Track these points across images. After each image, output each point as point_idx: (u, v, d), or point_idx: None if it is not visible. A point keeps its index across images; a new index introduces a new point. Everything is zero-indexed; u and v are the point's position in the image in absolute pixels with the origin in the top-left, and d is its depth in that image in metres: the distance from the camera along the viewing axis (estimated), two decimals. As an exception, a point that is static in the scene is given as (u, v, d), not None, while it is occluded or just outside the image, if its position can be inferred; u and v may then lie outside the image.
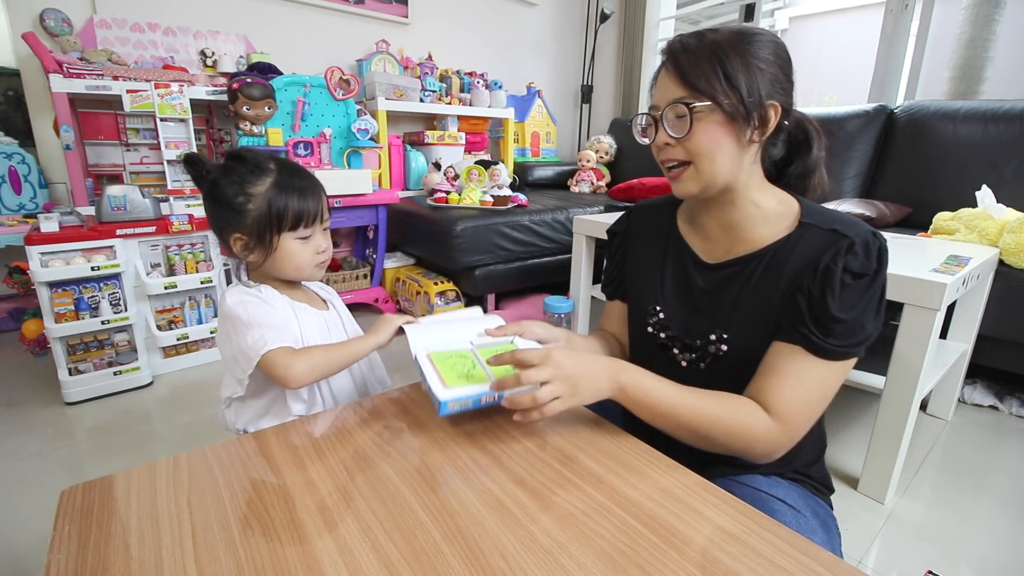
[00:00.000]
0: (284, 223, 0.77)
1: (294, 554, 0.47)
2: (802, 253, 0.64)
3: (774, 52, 0.63)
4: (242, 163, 0.77)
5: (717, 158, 0.63)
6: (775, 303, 0.65)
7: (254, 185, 0.76)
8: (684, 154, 0.64)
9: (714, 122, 0.62)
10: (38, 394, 1.61)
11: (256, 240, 0.77)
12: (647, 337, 0.77)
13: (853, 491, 1.22)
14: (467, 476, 0.58)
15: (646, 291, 0.78)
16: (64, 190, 2.07)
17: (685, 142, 0.63)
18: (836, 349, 0.60)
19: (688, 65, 0.62)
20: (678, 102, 0.62)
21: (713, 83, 0.60)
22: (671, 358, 0.74)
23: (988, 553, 1.06)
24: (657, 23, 3.43)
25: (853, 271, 0.60)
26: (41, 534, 1.06)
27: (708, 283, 0.72)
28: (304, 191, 0.78)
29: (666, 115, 0.64)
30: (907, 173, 2.16)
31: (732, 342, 0.68)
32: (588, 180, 3.10)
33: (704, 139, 0.62)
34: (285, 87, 2.03)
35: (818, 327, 0.60)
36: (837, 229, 0.63)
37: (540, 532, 0.49)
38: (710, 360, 0.70)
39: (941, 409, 1.58)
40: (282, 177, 0.77)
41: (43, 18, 1.93)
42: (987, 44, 2.51)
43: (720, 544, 0.48)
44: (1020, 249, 1.46)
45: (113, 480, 0.56)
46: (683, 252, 0.75)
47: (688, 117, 0.62)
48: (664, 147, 0.66)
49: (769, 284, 0.65)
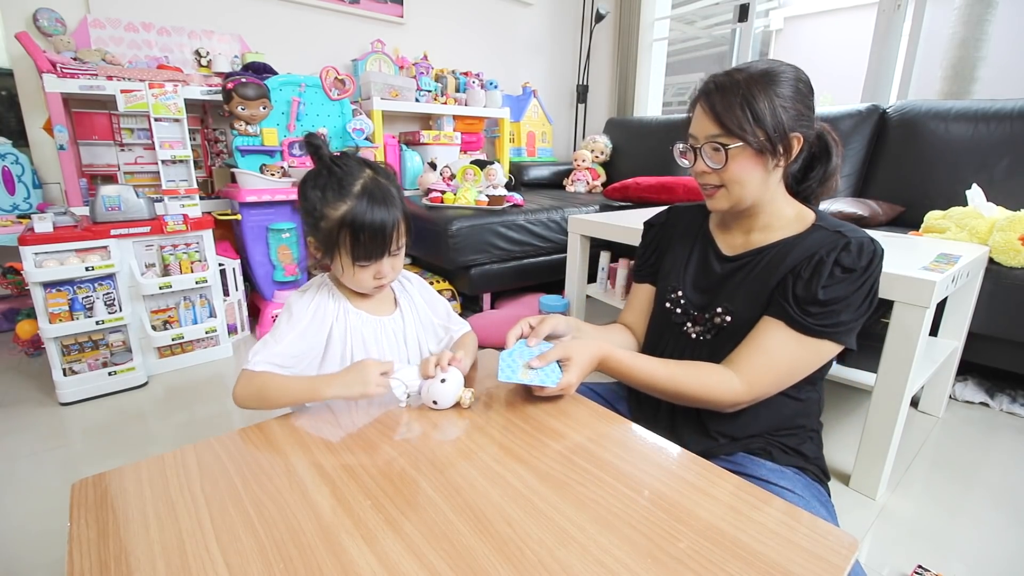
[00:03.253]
0: (345, 252, 0.77)
1: (312, 529, 0.49)
2: (805, 246, 0.75)
3: (795, 88, 0.73)
4: (331, 175, 0.76)
5: (747, 184, 0.74)
6: (772, 284, 0.75)
7: (331, 205, 0.75)
8: (719, 180, 0.76)
9: (745, 156, 0.72)
10: (32, 395, 1.61)
11: (325, 251, 0.80)
12: (665, 312, 0.89)
13: (844, 487, 1.23)
14: (471, 457, 0.60)
15: (671, 275, 0.90)
16: (58, 190, 2.06)
17: (721, 172, 0.74)
18: (810, 325, 0.71)
19: (721, 106, 0.72)
20: (714, 140, 0.73)
21: (743, 124, 0.71)
22: (683, 331, 0.85)
23: (978, 548, 1.08)
24: (652, 23, 3.44)
25: (843, 265, 0.70)
26: (36, 534, 1.06)
27: (724, 270, 0.83)
28: (375, 229, 0.75)
29: (704, 149, 0.75)
30: (899, 172, 2.18)
31: (735, 313, 0.79)
32: (584, 180, 3.11)
33: (736, 169, 0.73)
34: (280, 87, 2.03)
35: (798, 304, 0.71)
36: (842, 231, 0.73)
37: (539, 499, 0.50)
38: (715, 331, 0.81)
39: (932, 406, 1.59)
40: (360, 207, 0.75)
41: (36, 18, 1.92)
42: (979, 44, 2.53)
43: (722, 515, 0.51)
44: (1009, 247, 1.47)
45: (123, 472, 0.58)
46: (708, 244, 0.87)
47: (723, 152, 0.73)
48: (702, 174, 0.77)
49: (772, 269, 0.76)
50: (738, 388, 0.72)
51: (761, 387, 0.73)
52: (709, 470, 0.58)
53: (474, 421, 0.70)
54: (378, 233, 0.76)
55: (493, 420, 0.69)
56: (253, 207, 1.97)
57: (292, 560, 0.45)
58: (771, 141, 0.71)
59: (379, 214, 0.76)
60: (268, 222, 2.02)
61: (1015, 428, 1.53)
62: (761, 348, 0.73)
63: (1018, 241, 1.46)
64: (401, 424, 0.68)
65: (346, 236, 0.75)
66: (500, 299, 2.41)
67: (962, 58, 2.56)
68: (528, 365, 0.70)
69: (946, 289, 1.15)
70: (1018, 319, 1.45)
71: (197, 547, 0.46)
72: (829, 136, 0.80)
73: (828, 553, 0.46)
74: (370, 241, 0.76)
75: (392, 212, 0.77)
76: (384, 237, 0.77)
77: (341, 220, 0.75)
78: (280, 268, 2.08)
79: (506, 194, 2.33)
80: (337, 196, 0.75)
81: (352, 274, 0.80)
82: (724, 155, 0.73)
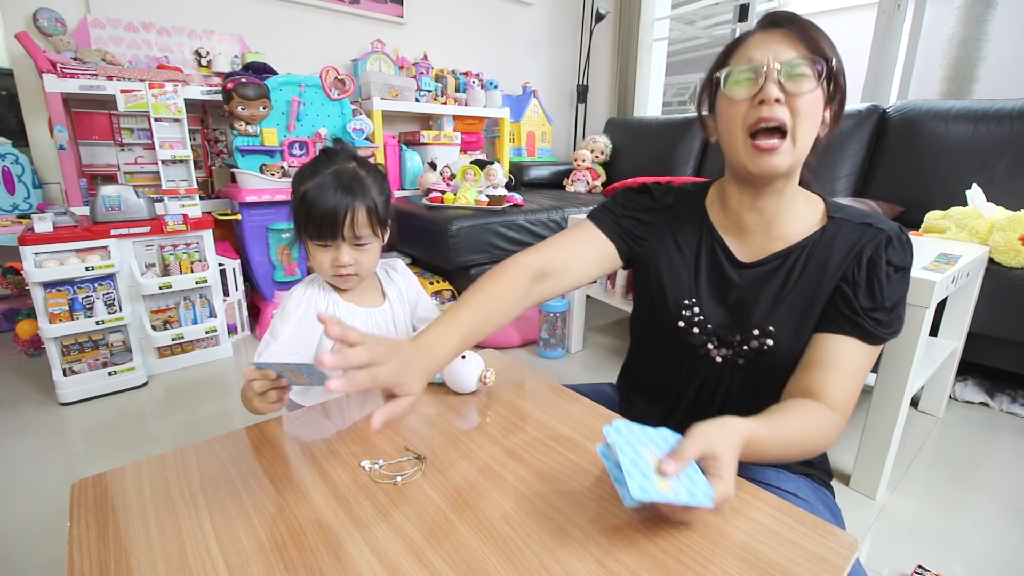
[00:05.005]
0: (303, 227, 0.80)
1: (312, 530, 0.49)
2: (841, 247, 0.66)
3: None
4: (316, 160, 0.82)
5: (810, 131, 0.62)
6: (820, 296, 0.66)
7: (303, 182, 0.80)
8: (787, 115, 0.60)
9: (819, 88, 0.60)
10: (32, 395, 1.61)
11: (297, 233, 0.82)
12: (676, 331, 0.73)
13: (845, 487, 1.23)
14: (471, 457, 0.60)
15: (680, 283, 0.74)
16: (58, 190, 2.06)
17: (797, 101, 0.59)
18: (883, 335, 0.64)
19: (811, 30, 0.61)
20: (802, 59, 0.59)
21: (831, 52, 0.60)
22: (703, 354, 0.72)
23: (978, 548, 1.08)
24: (652, 23, 3.44)
25: (895, 264, 0.64)
26: (36, 534, 1.06)
27: (744, 279, 0.71)
28: (327, 209, 0.77)
29: (785, 70, 0.59)
30: (899, 172, 2.18)
31: (778, 336, 0.67)
32: (584, 180, 3.11)
33: (814, 103, 0.60)
34: (280, 87, 2.03)
35: (869, 316, 0.63)
36: (871, 223, 0.66)
37: (539, 499, 0.50)
38: (752, 356, 0.69)
39: (932, 406, 1.59)
40: (321, 184, 0.78)
41: (36, 18, 1.92)
42: (979, 44, 2.53)
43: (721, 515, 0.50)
44: (1009, 247, 1.47)
45: (124, 472, 0.58)
46: (716, 245, 0.73)
47: (810, 75, 0.59)
48: (773, 104, 0.60)
49: (812, 278, 0.67)
50: (839, 423, 0.62)
51: (850, 411, 0.64)
52: (709, 470, 0.58)
53: (474, 421, 0.70)
54: (330, 213, 0.78)
55: (493, 420, 0.69)
56: (253, 207, 1.97)
57: (292, 560, 0.45)
58: (844, 82, 0.62)
59: (338, 196, 0.78)
60: (268, 222, 2.02)
61: (1015, 428, 1.53)
62: (844, 372, 0.63)
63: (1018, 241, 1.46)
64: (401, 424, 0.68)
65: (304, 212, 0.79)
66: (500, 299, 2.40)
67: (962, 58, 2.56)
68: (660, 470, 0.46)
69: (946, 289, 1.15)
70: (1018, 319, 1.45)
71: (197, 547, 0.46)
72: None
73: (828, 553, 0.46)
74: (321, 219, 0.78)
75: (353, 199, 0.79)
76: (335, 218, 0.78)
77: (303, 195, 0.79)
78: (280, 268, 2.08)
79: (506, 194, 2.33)
80: (309, 176, 0.80)
81: (312, 255, 0.82)
82: (814, 76, 0.59)
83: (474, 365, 0.75)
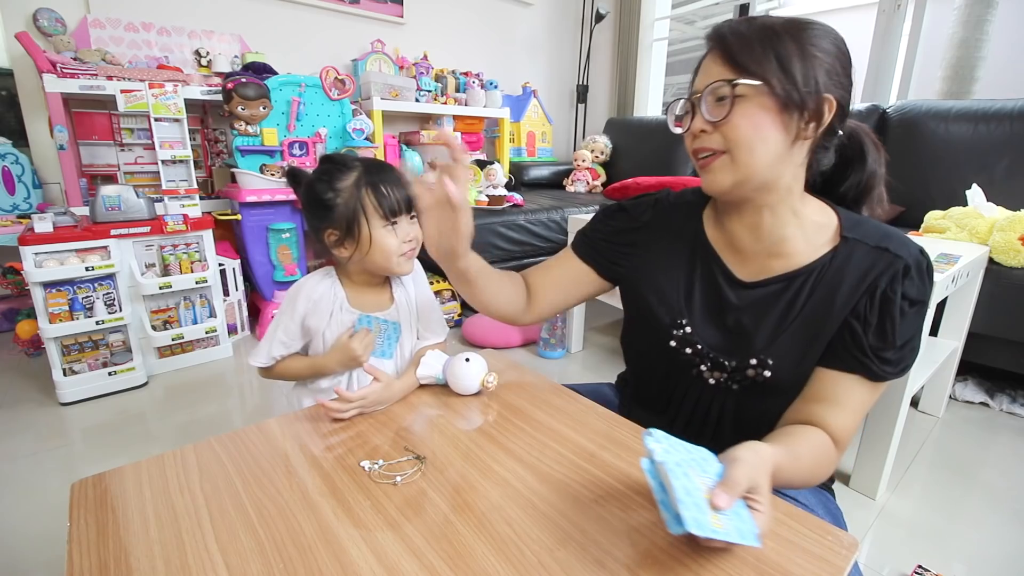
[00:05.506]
0: (371, 211, 0.80)
1: (312, 530, 0.49)
2: (853, 274, 0.60)
3: (834, 43, 0.57)
4: (330, 163, 0.82)
5: (758, 149, 0.56)
6: (827, 329, 0.61)
7: (341, 181, 0.80)
8: (720, 142, 0.58)
9: (760, 107, 0.55)
10: (32, 395, 1.61)
11: (346, 232, 0.80)
12: (669, 352, 0.70)
13: (845, 487, 1.23)
14: (469, 456, 0.60)
15: (670, 301, 0.70)
16: (58, 190, 2.06)
17: (722, 127, 0.57)
18: (891, 374, 0.60)
19: (737, 47, 0.56)
20: (720, 82, 0.56)
21: (764, 64, 0.54)
22: (697, 375, 0.69)
23: (978, 548, 1.08)
24: (652, 23, 3.44)
25: (911, 298, 0.58)
26: (37, 534, 1.06)
27: (743, 301, 0.66)
28: (386, 182, 0.80)
29: (705, 98, 0.57)
30: (899, 172, 2.16)
31: (777, 368, 0.63)
32: (584, 180, 3.11)
33: (745, 124, 0.56)
34: (280, 87, 2.03)
35: (877, 355, 0.59)
36: (888, 248, 0.59)
37: (539, 500, 0.50)
38: (748, 383, 0.65)
39: (932, 406, 1.59)
40: (365, 171, 0.81)
41: (36, 18, 1.92)
42: (979, 44, 2.53)
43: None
44: (1009, 247, 1.47)
45: (123, 472, 0.58)
46: (713, 263, 0.68)
47: (729, 99, 0.56)
48: (699, 135, 0.59)
49: (819, 308, 0.61)
50: (838, 456, 0.62)
51: (848, 443, 0.63)
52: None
53: (474, 421, 0.69)
54: (390, 182, 0.80)
55: (493, 420, 0.69)
56: (253, 207, 1.97)
57: (292, 560, 0.45)
58: (799, 92, 0.54)
59: (387, 171, 0.82)
60: (268, 222, 2.01)
61: (1015, 428, 1.53)
62: (849, 410, 0.61)
63: (1018, 241, 1.46)
64: (401, 424, 0.68)
65: (367, 192, 0.79)
66: (500, 299, 2.40)
67: (962, 58, 2.56)
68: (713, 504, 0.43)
69: (946, 289, 1.15)
70: (1018, 319, 1.45)
71: (197, 547, 0.46)
72: (866, 135, 0.65)
73: (828, 553, 0.46)
74: (393, 189, 0.80)
75: (396, 171, 0.82)
76: (403, 185, 0.80)
77: (357, 181, 0.80)
78: (280, 268, 2.08)
79: (506, 194, 2.33)
80: (343, 173, 0.80)
81: (378, 241, 0.80)
82: (730, 101, 0.55)
83: (477, 368, 0.75)
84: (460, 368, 0.75)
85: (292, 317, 0.85)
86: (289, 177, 0.87)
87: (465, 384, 0.75)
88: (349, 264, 0.85)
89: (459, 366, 0.75)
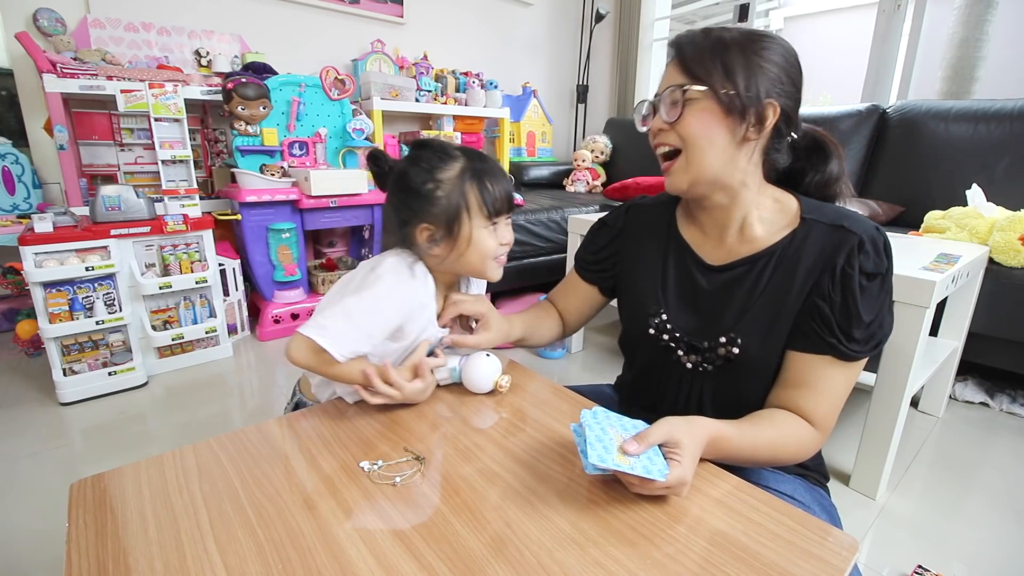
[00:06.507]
0: (475, 209, 0.71)
1: (311, 530, 0.49)
2: (811, 252, 0.64)
3: (782, 56, 0.64)
4: (428, 149, 0.73)
5: (708, 149, 0.63)
6: (789, 305, 0.65)
7: (443, 171, 0.71)
8: (676, 139, 0.65)
9: (707, 110, 0.62)
10: (32, 395, 1.61)
11: (444, 230, 0.71)
12: (649, 339, 0.75)
13: (845, 487, 1.23)
14: (468, 456, 0.61)
15: (647, 292, 0.76)
16: (58, 190, 2.06)
17: (677, 125, 0.64)
18: (862, 353, 0.62)
19: (691, 56, 0.64)
20: (673, 87, 0.64)
21: (712, 72, 0.62)
22: (675, 360, 0.73)
23: (978, 548, 1.08)
24: (652, 23, 3.44)
25: (868, 272, 0.61)
26: (37, 534, 1.06)
27: (712, 284, 0.71)
28: (496, 176, 0.72)
29: (663, 99, 0.66)
30: (899, 172, 2.18)
31: (745, 346, 0.67)
32: (584, 180, 3.11)
33: (695, 124, 0.63)
34: (280, 87, 2.03)
35: (845, 335, 0.62)
36: (844, 225, 0.63)
37: (538, 500, 0.50)
38: (720, 363, 0.69)
39: (932, 406, 1.59)
40: (472, 162, 0.72)
41: (36, 18, 1.92)
42: (979, 44, 2.53)
43: (721, 516, 0.51)
44: (1009, 247, 1.47)
45: (122, 472, 0.58)
46: (684, 252, 0.75)
47: (681, 102, 0.64)
48: (658, 132, 0.67)
49: (780, 286, 0.65)
50: (818, 437, 0.64)
51: (831, 427, 0.65)
52: (708, 470, 0.58)
53: (474, 421, 0.69)
54: (500, 177, 0.72)
55: (493, 421, 0.69)
56: (253, 207, 1.97)
57: (291, 561, 0.45)
58: (741, 99, 0.61)
59: (493, 163, 0.74)
60: (268, 222, 2.02)
61: (1015, 428, 1.53)
62: (824, 392, 0.63)
63: (1018, 241, 1.46)
64: (401, 425, 0.68)
65: (473, 187, 0.71)
66: (500, 299, 2.41)
67: (962, 58, 2.55)
68: (623, 449, 0.52)
69: (946, 289, 1.15)
70: (1018, 319, 1.45)
71: (196, 548, 0.46)
72: (827, 140, 0.72)
73: (828, 554, 0.46)
74: (497, 186, 0.72)
75: (500, 164, 0.76)
76: (508, 183, 0.74)
77: (462, 172, 0.71)
78: (280, 268, 2.08)
79: (506, 194, 2.32)
80: (444, 162, 0.71)
81: (479, 242, 0.72)
82: (681, 104, 0.63)
83: (493, 367, 0.75)
84: (479, 365, 0.75)
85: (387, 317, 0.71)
86: (370, 160, 0.77)
87: (479, 383, 0.75)
88: (440, 264, 0.75)
89: (479, 362, 0.75)
